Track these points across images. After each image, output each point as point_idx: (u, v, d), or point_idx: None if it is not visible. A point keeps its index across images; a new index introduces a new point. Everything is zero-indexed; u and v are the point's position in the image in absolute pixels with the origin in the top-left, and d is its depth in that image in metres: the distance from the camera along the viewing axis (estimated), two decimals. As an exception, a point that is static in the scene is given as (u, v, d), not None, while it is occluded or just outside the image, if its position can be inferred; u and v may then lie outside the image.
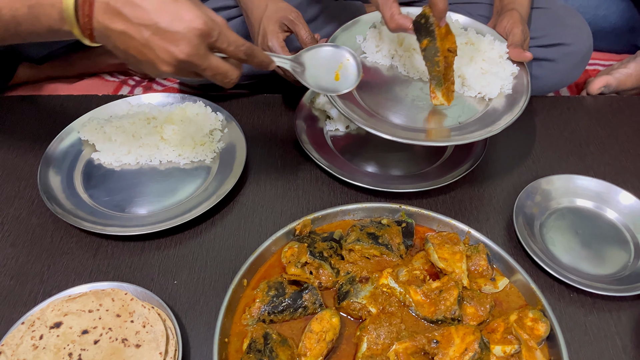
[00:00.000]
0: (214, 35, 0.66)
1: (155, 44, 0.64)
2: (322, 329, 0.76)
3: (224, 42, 0.68)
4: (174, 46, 0.64)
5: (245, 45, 0.71)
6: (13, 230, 0.97)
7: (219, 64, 0.69)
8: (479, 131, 0.93)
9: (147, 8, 0.63)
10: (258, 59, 0.74)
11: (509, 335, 0.77)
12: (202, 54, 0.67)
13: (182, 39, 0.64)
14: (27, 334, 0.77)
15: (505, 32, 1.05)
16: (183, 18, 0.64)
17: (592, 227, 0.97)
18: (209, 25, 0.65)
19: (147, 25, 0.63)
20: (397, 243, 0.88)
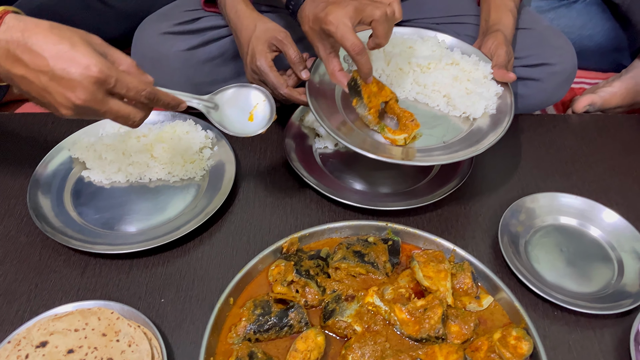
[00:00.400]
0: (110, 82, 0.67)
1: (53, 89, 0.66)
2: (307, 347, 0.76)
3: (123, 89, 0.69)
4: (70, 92, 0.65)
5: (146, 90, 0.71)
6: (1, 248, 0.97)
7: (119, 108, 0.70)
8: (463, 150, 0.95)
9: (44, 55, 0.64)
10: (163, 101, 0.75)
11: (492, 354, 0.78)
12: (100, 99, 0.67)
13: (78, 85, 0.65)
14: (13, 353, 0.77)
15: (490, 53, 1.07)
16: (79, 64, 0.65)
17: (576, 244, 0.98)
18: (104, 72, 0.66)
19: (45, 72, 0.65)
20: (383, 261, 0.89)
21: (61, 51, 0.65)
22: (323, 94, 1.03)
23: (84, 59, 0.65)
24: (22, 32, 0.65)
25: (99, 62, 0.66)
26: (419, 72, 1.06)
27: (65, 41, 0.65)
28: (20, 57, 0.65)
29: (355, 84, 0.98)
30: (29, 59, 0.65)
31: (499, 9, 1.14)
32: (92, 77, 0.65)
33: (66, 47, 0.65)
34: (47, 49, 0.64)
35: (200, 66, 1.16)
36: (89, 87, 0.65)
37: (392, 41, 1.11)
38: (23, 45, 0.64)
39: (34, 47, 0.64)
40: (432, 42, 1.12)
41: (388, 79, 1.07)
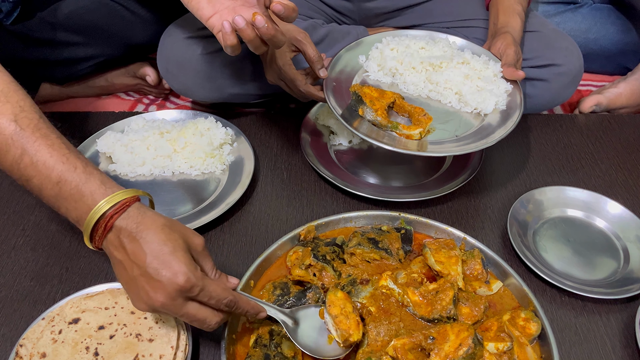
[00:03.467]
0: (194, 291, 0.69)
1: (140, 284, 0.69)
2: (340, 308, 0.80)
3: (205, 297, 0.70)
4: (153, 292, 0.68)
5: (227, 299, 0.72)
6: (33, 235, 1.02)
7: (196, 312, 0.71)
8: (474, 143, 0.99)
9: (146, 251, 0.68)
10: (243, 309, 0.75)
11: (501, 333, 0.81)
12: (179, 304, 0.69)
13: (162, 288, 0.68)
14: (47, 328, 0.82)
15: (499, 53, 1.12)
16: (170, 269, 0.67)
17: (582, 235, 1.02)
18: (191, 282, 0.68)
19: (139, 266, 0.68)
20: (397, 248, 0.93)
21: (161, 252, 0.68)
22: (340, 92, 1.08)
23: (177, 265, 0.68)
24: (137, 225, 0.69)
25: (189, 272, 0.68)
26: (431, 70, 1.11)
27: (169, 244, 0.69)
28: (126, 245, 0.69)
29: (357, 96, 1.04)
30: (131, 249, 0.68)
31: (507, 12, 1.19)
32: (178, 285, 0.67)
33: (167, 249, 0.68)
34: (149, 247, 0.68)
35: (222, 68, 1.22)
36: (172, 293, 0.68)
37: (405, 42, 1.16)
38: (132, 237, 0.68)
39: (140, 241, 0.68)
40: (444, 43, 1.17)
41: (401, 77, 1.12)
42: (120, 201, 0.69)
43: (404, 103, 1.05)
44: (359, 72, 1.15)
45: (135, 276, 0.69)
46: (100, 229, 0.69)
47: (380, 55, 1.14)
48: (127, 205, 0.70)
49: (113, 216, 0.69)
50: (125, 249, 0.69)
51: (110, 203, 0.69)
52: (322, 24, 1.35)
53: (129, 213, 0.69)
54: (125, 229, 0.69)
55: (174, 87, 1.26)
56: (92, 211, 0.69)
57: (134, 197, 0.71)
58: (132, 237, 0.69)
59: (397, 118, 1.06)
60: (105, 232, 0.69)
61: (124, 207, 0.69)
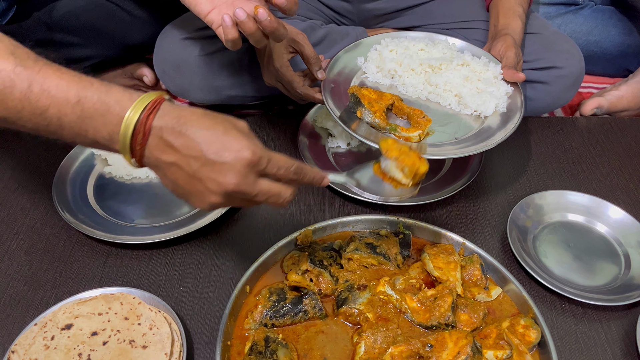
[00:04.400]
0: (263, 163, 0.65)
1: (204, 175, 0.64)
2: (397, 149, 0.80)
3: (274, 167, 0.67)
4: (222, 177, 0.64)
5: (294, 165, 0.70)
6: (27, 239, 1.01)
7: (270, 188, 0.68)
8: (474, 145, 0.98)
9: (198, 140, 0.63)
10: (309, 176, 0.73)
11: (501, 340, 0.80)
12: (251, 182, 0.65)
13: (230, 169, 0.63)
14: (40, 334, 0.81)
15: (500, 55, 1.11)
16: (231, 149, 0.63)
17: (583, 240, 1.01)
18: (257, 154, 0.64)
19: (197, 157, 0.63)
20: (395, 253, 0.92)
21: (214, 136, 0.63)
22: (338, 94, 1.07)
23: (236, 143, 0.64)
24: (178, 119, 0.63)
25: (251, 145, 0.64)
26: (430, 72, 1.09)
27: (218, 127, 0.64)
28: (173, 143, 0.63)
29: (355, 98, 1.02)
30: (182, 144, 0.63)
31: (507, 14, 1.18)
32: (245, 160, 0.63)
33: (219, 132, 0.64)
34: (200, 135, 0.63)
35: (220, 70, 1.21)
36: (242, 170, 0.64)
37: (404, 43, 1.15)
38: (177, 132, 0.63)
39: (188, 133, 0.63)
40: (443, 45, 1.16)
41: (400, 79, 1.10)
42: (151, 101, 0.63)
43: (402, 105, 1.04)
44: (357, 73, 1.13)
45: (195, 171, 0.64)
46: (140, 136, 0.63)
47: (379, 56, 1.13)
48: (158, 103, 0.64)
49: (149, 117, 0.63)
50: (174, 147, 0.63)
51: (142, 105, 0.63)
52: (320, 25, 1.33)
53: (163, 110, 0.64)
54: (167, 126, 0.63)
55: (171, 88, 1.25)
56: (126, 118, 0.62)
57: (160, 96, 0.66)
58: (178, 132, 0.63)
59: (396, 120, 1.05)
60: (145, 137, 0.63)
61: (156, 105, 0.64)
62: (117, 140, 0.64)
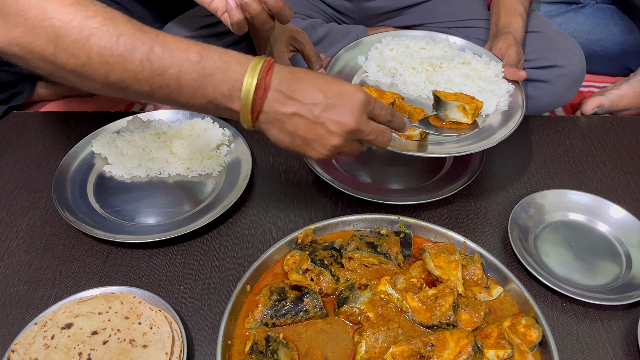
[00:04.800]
0: (372, 104, 0.74)
1: (326, 119, 0.70)
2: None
3: (378, 108, 0.76)
4: (343, 117, 0.71)
5: (390, 108, 0.79)
6: (27, 238, 1.01)
7: (378, 127, 0.77)
8: (475, 144, 0.97)
9: (315, 88, 0.70)
10: (398, 119, 0.82)
11: (502, 340, 0.80)
12: (365, 121, 0.74)
13: (349, 110, 0.71)
14: (40, 334, 0.80)
15: (501, 53, 1.10)
16: (348, 92, 0.71)
17: (584, 240, 1.00)
18: (367, 96, 0.73)
19: (317, 104, 0.70)
20: (395, 252, 0.92)
21: (328, 84, 0.71)
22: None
23: (349, 87, 0.72)
24: (292, 74, 0.70)
25: (359, 88, 0.73)
26: (431, 71, 1.09)
27: (328, 77, 0.73)
28: (292, 95, 0.69)
29: None
30: (301, 94, 0.69)
31: (508, 13, 1.17)
32: (361, 100, 0.71)
33: (330, 80, 0.72)
34: (316, 84, 0.70)
35: (219, 68, 1.20)
36: (359, 110, 0.71)
37: (405, 42, 1.15)
38: (295, 85, 0.69)
39: (305, 84, 0.70)
40: (444, 44, 1.16)
41: (401, 77, 1.10)
42: (265, 60, 0.69)
43: (403, 103, 1.04)
44: (358, 72, 1.13)
45: (317, 116, 0.70)
46: (260, 90, 0.68)
47: (379, 55, 1.13)
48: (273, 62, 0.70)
49: (268, 72, 0.68)
50: (294, 98, 0.69)
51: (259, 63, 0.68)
52: (321, 24, 1.33)
53: (278, 67, 0.70)
54: (284, 80, 0.69)
55: (171, 87, 1.24)
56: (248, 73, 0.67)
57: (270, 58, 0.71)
58: (296, 85, 0.69)
59: None
60: (266, 90, 0.69)
61: (270, 64, 0.69)
62: (235, 97, 0.68)
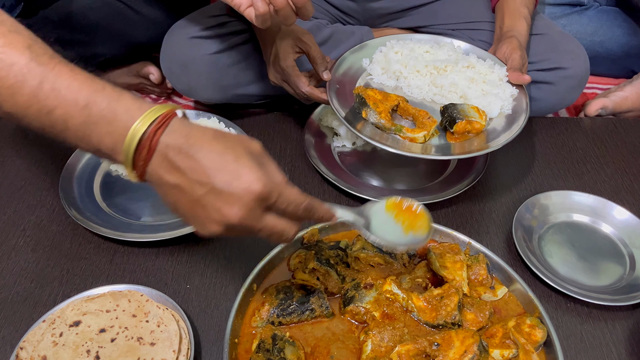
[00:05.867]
0: (272, 197, 0.61)
1: (208, 203, 0.60)
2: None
3: (284, 203, 0.63)
4: (227, 208, 0.59)
5: (305, 202, 0.65)
6: (34, 236, 1.01)
7: (275, 224, 0.64)
8: (479, 147, 0.98)
9: (206, 165, 0.58)
10: (318, 214, 0.69)
11: (507, 340, 0.80)
12: (257, 216, 0.61)
13: (238, 201, 0.59)
14: (48, 331, 0.81)
15: (505, 57, 1.11)
16: (242, 179, 0.58)
17: (588, 240, 1.01)
18: (268, 187, 0.59)
19: (203, 183, 0.59)
20: (401, 252, 0.92)
21: (225, 162, 0.59)
22: (343, 94, 1.07)
23: (248, 173, 0.58)
24: (187, 138, 0.59)
25: (263, 177, 0.59)
26: (436, 74, 1.10)
27: (229, 152, 0.59)
28: (179, 164, 0.59)
29: (360, 99, 1.03)
30: (189, 166, 0.58)
31: (513, 15, 1.18)
32: (255, 193, 0.58)
33: (230, 158, 0.59)
34: (210, 159, 0.58)
35: (227, 69, 1.21)
36: (249, 204, 0.59)
37: (409, 45, 1.16)
38: (185, 152, 0.58)
39: (197, 155, 0.58)
40: (448, 47, 1.16)
41: (406, 80, 1.11)
42: (161, 115, 0.59)
43: (408, 106, 1.05)
44: (362, 75, 1.14)
45: (199, 196, 0.59)
46: (144, 151, 0.59)
47: (384, 58, 1.14)
48: (169, 118, 0.60)
49: (157, 132, 0.58)
50: (179, 169, 0.59)
51: (151, 118, 0.59)
52: (326, 24, 1.34)
53: (172, 126, 0.59)
54: (174, 144, 0.59)
55: (178, 87, 1.25)
56: (132, 129, 0.59)
57: (172, 110, 0.61)
58: (185, 153, 0.58)
59: (401, 121, 1.05)
60: (150, 153, 0.59)
61: (166, 119, 0.59)
62: (120, 151, 0.60)
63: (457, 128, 0.99)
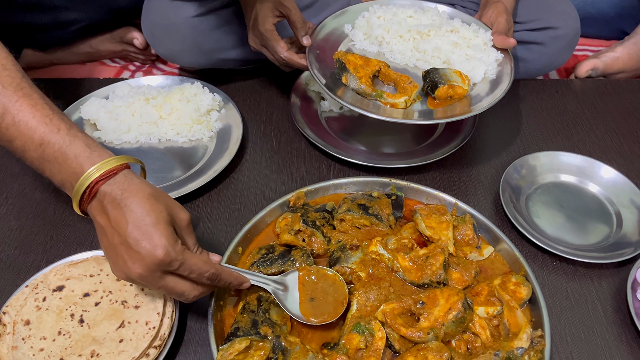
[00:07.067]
0: (173, 266, 0.67)
1: (118, 252, 0.67)
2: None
3: (185, 271, 0.69)
4: (132, 263, 0.66)
5: (209, 272, 0.71)
6: (17, 203, 1.00)
7: (175, 285, 0.70)
8: (461, 111, 0.97)
9: (127, 219, 0.66)
10: (225, 281, 0.74)
11: (492, 297, 0.80)
12: (157, 277, 0.68)
13: (140, 260, 0.66)
14: (31, 296, 0.80)
15: (490, 22, 1.09)
16: (149, 242, 0.65)
17: (576, 200, 1.01)
18: (170, 256, 0.66)
19: (120, 234, 0.66)
20: (387, 214, 0.92)
21: (143, 222, 0.66)
22: (324, 60, 1.05)
23: (158, 238, 0.66)
24: (122, 192, 0.66)
25: (168, 245, 0.66)
26: (419, 39, 1.07)
27: (152, 214, 0.66)
28: (108, 211, 0.66)
29: (340, 64, 1.01)
30: (114, 216, 0.66)
31: None
32: (156, 258, 0.65)
33: (150, 220, 0.66)
34: (131, 215, 0.66)
35: (209, 33, 1.18)
36: (150, 266, 0.66)
37: (392, 10, 1.13)
38: (116, 203, 0.66)
39: (124, 209, 0.66)
40: (433, 12, 1.14)
41: (388, 46, 1.08)
42: (110, 168, 0.67)
43: (389, 71, 1.02)
44: (344, 41, 1.11)
45: (115, 244, 0.67)
46: (86, 194, 0.67)
47: (366, 23, 1.11)
48: (114, 172, 0.68)
49: (99, 182, 0.67)
50: (107, 215, 0.67)
51: (101, 170, 0.67)
52: (312, -13, 1.30)
53: (115, 179, 0.67)
54: (110, 194, 0.67)
55: (160, 52, 1.22)
56: (83, 177, 0.67)
57: (123, 164, 0.69)
58: (116, 204, 0.66)
59: (382, 87, 1.03)
60: (90, 197, 0.67)
61: (111, 174, 0.67)
62: (67, 188, 0.69)
63: (439, 93, 0.98)
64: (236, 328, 0.74)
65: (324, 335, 0.78)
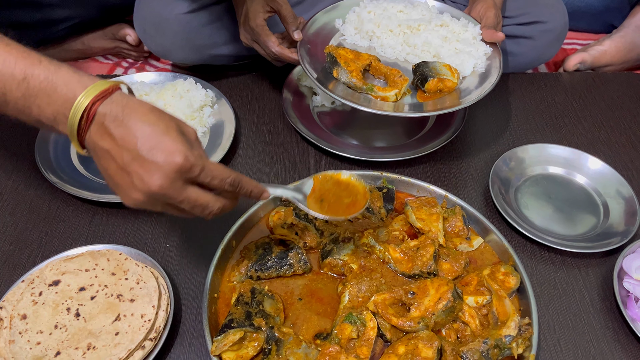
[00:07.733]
0: (195, 171, 0.63)
1: (132, 170, 0.62)
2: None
3: (207, 177, 0.64)
4: (149, 176, 0.61)
5: (230, 177, 0.66)
6: (12, 200, 1.01)
7: (198, 197, 0.65)
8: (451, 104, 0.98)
9: (135, 133, 0.61)
10: (246, 189, 0.70)
11: (481, 287, 0.82)
12: (178, 188, 0.63)
13: (158, 170, 0.61)
14: (27, 290, 0.81)
15: (479, 16, 1.10)
16: (164, 149, 0.61)
17: (563, 192, 1.03)
18: (190, 160, 0.62)
19: (130, 150, 0.61)
20: (378, 207, 0.93)
21: (152, 133, 0.61)
22: (315, 55, 1.06)
23: (172, 144, 0.61)
24: (123, 108, 0.62)
25: (186, 150, 0.62)
26: (409, 33, 1.08)
27: (160, 124, 0.62)
28: (112, 131, 0.61)
29: (332, 58, 1.02)
30: (119, 134, 0.61)
31: None
32: (176, 164, 0.61)
33: (159, 129, 0.61)
34: (139, 128, 0.61)
35: (201, 29, 1.19)
36: (170, 174, 0.61)
37: (382, 5, 1.14)
38: (119, 120, 0.61)
39: (129, 124, 0.61)
40: (422, 7, 1.15)
41: (378, 40, 1.10)
42: (102, 89, 0.62)
43: (380, 65, 1.04)
44: (335, 35, 1.12)
45: (125, 163, 0.62)
46: (83, 120, 0.62)
47: (357, 18, 1.12)
48: (110, 91, 0.63)
49: (95, 103, 0.61)
50: (111, 135, 0.61)
51: (93, 92, 0.61)
52: (303, -17, 1.31)
53: (112, 98, 0.62)
54: (110, 114, 0.61)
55: (152, 48, 1.23)
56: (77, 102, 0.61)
57: (116, 84, 0.64)
58: (119, 121, 0.61)
59: (373, 81, 1.04)
60: (88, 122, 0.62)
61: (107, 93, 0.62)
62: (60, 121, 0.63)
63: (428, 86, 0.99)
64: (230, 320, 0.75)
65: (319, 323, 0.79)
